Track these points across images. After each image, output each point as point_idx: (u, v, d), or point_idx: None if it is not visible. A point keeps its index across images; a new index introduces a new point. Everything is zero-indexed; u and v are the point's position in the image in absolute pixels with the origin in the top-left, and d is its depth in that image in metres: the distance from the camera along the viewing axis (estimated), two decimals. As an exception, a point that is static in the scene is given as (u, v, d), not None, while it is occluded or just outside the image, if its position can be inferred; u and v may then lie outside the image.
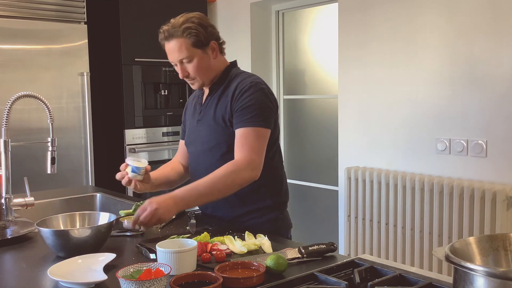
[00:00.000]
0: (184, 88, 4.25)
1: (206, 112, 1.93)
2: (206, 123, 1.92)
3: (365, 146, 3.41)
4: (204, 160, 1.92)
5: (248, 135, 1.79)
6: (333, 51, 3.73)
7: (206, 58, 1.86)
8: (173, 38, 1.84)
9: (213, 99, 1.92)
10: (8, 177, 1.90)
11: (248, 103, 1.80)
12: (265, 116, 1.82)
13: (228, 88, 1.89)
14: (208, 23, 1.89)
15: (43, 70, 3.46)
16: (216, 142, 1.88)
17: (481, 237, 1.14)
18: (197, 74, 1.87)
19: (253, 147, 1.78)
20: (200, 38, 1.83)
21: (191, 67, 1.86)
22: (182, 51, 1.83)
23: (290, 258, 1.42)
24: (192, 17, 1.86)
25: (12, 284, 1.36)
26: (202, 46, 1.84)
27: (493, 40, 2.76)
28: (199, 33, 1.83)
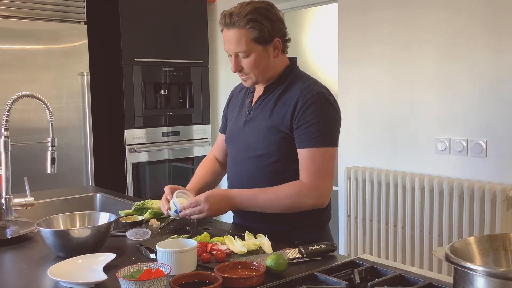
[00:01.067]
0: (184, 88, 4.25)
1: (257, 115, 1.76)
2: (256, 127, 1.74)
3: (365, 146, 3.41)
4: (249, 167, 1.77)
5: (316, 157, 1.63)
6: (333, 51, 3.72)
7: (266, 56, 1.68)
8: (234, 27, 1.64)
9: (268, 101, 1.74)
10: (8, 177, 1.90)
11: (315, 119, 1.63)
12: (333, 133, 1.67)
13: (287, 92, 1.71)
14: (277, 16, 1.70)
15: (43, 70, 3.46)
16: (266, 150, 1.72)
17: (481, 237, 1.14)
18: (252, 71, 1.69)
19: (320, 170, 1.64)
20: (264, 34, 1.64)
21: (247, 63, 1.68)
22: (240, 44, 1.64)
23: (290, 258, 1.42)
24: (261, 7, 1.66)
25: (12, 284, 1.36)
26: (264, 43, 1.66)
27: (493, 40, 2.76)
28: (264, 28, 1.64)
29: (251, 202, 1.68)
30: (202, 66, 4.30)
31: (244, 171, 1.79)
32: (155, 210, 1.95)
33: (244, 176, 1.78)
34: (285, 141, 1.69)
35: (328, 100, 1.68)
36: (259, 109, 1.76)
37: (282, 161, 1.71)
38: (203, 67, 4.31)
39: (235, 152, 1.84)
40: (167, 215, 1.81)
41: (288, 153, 1.70)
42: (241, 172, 1.80)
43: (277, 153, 1.70)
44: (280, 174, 1.71)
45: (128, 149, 3.90)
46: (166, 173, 4.10)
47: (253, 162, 1.75)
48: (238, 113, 1.86)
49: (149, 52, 3.98)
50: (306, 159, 1.65)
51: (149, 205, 1.99)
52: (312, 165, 1.64)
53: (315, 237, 1.72)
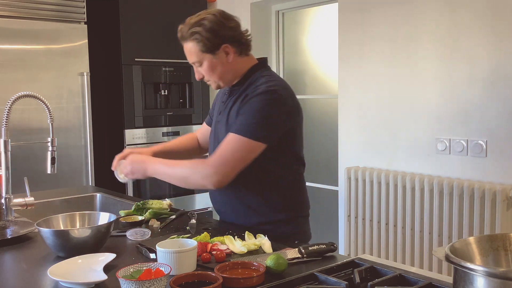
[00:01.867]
0: (184, 88, 4.25)
1: (223, 116, 1.84)
2: (223, 125, 1.83)
3: (365, 146, 3.41)
4: None
5: (231, 142, 1.67)
6: (333, 51, 3.72)
7: (218, 62, 1.76)
8: (185, 40, 1.77)
9: (231, 101, 1.82)
10: (8, 177, 1.90)
11: (251, 109, 1.68)
12: (261, 127, 1.67)
13: (246, 92, 1.77)
14: (223, 24, 1.76)
15: (43, 70, 3.46)
16: None
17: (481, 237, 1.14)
18: (210, 77, 1.79)
19: (227, 156, 1.67)
20: (207, 44, 1.72)
21: (203, 71, 1.79)
22: (192, 55, 1.77)
23: (290, 258, 1.42)
24: (204, 19, 1.74)
25: (12, 284, 1.36)
26: (211, 51, 1.74)
27: (493, 39, 2.76)
28: (206, 38, 1.72)
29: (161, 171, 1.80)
30: (202, 66, 4.29)
31: None
32: (155, 210, 1.95)
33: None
34: None
35: (275, 98, 1.70)
36: (226, 109, 1.84)
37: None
38: (203, 67, 4.30)
39: (211, 149, 1.92)
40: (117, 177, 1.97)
41: None
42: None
43: None
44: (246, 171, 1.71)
45: (128, 149, 3.89)
46: (166, 173, 4.09)
47: None
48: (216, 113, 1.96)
49: (149, 52, 3.98)
50: (223, 141, 1.70)
51: (149, 205, 1.99)
52: (222, 147, 1.69)
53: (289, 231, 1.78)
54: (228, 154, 1.67)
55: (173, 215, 1.96)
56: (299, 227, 1.86)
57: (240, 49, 1.80)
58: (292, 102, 1.77)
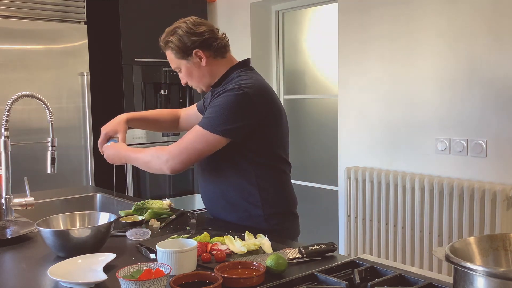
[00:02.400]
0: (184, 88, 4.25)
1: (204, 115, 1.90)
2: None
3: (365, 146, 3.41)
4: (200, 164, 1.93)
5: (192, 133, 1.77)
6: (333, 51, 3.73)
7: (193, 67, 1.86)
8: (164, 49, 1.92)
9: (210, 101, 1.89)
10: (8, 177, 1.90)
11: (216, 105, 1.75)
12: (222, 121, 1.72)
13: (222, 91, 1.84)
14: (192, 31, 1.83)
15: (43, 70, 3.46)
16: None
17: (481, 237, 1.14)
18: (191, 81, 1.91)
19: (186, 145, 1.76)
20: (178, 51, 1.84)
21: (184, 76, 1.91)
22: (171, 62, 1.91)
23: (290, 258, 1.42)
24: (177, 28, 1.86)
25: (12, 284, 1.36)
26: (184, 58, 1.85)
27: (493, 40, 2.76)
28: (177, 46, 1.84)
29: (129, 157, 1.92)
30: (202, 66, 4.29)
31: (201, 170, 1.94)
32: (155, 210, 1.95)
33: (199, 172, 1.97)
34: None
35: (242, 93, 1.73)
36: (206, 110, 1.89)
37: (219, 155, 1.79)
38: (203, 67, 4.30)
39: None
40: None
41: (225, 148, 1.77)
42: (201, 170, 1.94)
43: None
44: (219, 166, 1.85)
45: (128, 149, 3.89)
46: (166, 173, 4.10)
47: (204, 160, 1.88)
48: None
49: (149, 52, 3.97)
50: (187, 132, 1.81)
51: (149, 205, 1.99)
52: (184, 137, 1.79)
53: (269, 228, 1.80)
54: (187, 144, 1.76)
55: (173, 215, 1.96)
56: (281, 224, 1.88)
57: (214, 53, 1.86)
58: (262, 101, 1.78)
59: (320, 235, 4.00)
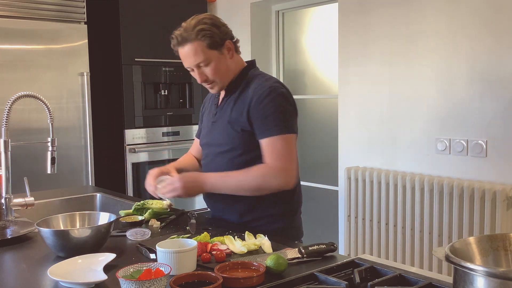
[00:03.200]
0: (184, 88, 4.25)
1: (221, 115, 1.88)
2: (221, 125, 1.87)
3: (365, 146, 3.41)
4: (218, 163, 1.88)
5: (276, 144, 1.74)
6: (333, 51, 3.73)
7: (223, 59, 1.80)
8: (187, 42, 1.76)
9: (230, 101, 1.86)
10: (8, 177, 1.90)
11: (269, 111, 1.74)
12: (288, 121, 1.77)
13: (245, 91, 1.83)
14: (221, 22, 1.82)
15: (43, 70, 3.46)
16: (231, 145, 1.83)
17: (481, 237, 1.14)
18: (216, 76, 1.81)
19: (283, 155, 1.74)
20: (215, 39, 1.76)
21: (209, 70, 1.79)
22: (198, 55, 1.76)
23: (290, 258, 1.42)
24: (204, 18, 1.79)
25: (12, 284, 1.36)
26: (218, 47, 1.78)
27: (494, 40, 2.76)
28: (214, 33, 1.76)
29: (221, 184, 1.79)
30: (202, 66, 4.29)
31: (215, 168, 1.88)
32: (155, 210, 1.95)
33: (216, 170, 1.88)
34: (246, 135, 1.80)
35: (281, 92, 1.79)
36: (223, 109, 1.88)
37: (247, 154, 1.81)
38: (203, 67, 4.30)
39: (207, 152, 1.96)
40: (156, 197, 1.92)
41: (250, 147, 1.80)
42: (214, 169, 1.89)
43: (241, 147, 1.82)
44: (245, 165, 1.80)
45: (128, 149, 3.90)
46: (166, 173, 4.09)
47: (222, 157, 1.87)
48: (208, 117, 1.99)
49: (149, 52, 3.98)
50: (267, 147, 1.76)
51: (149, 205, 1.99)
52: (274, 151, 1.75)
53: (283, 226, 1.85)
54: (286, 153, 1.75)
55: (173, 215, 1.96)
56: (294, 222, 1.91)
57: (236, 47, 1.87)
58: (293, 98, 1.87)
59: (320, 235, 4.00)
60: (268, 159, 1.75)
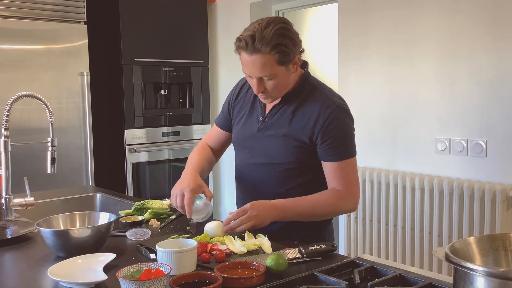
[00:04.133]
0: (184, 88, 4.25)
1: (274, 124, 1.76)
2: (273, 136, 1.76)
3: (365, 146, 3.40)
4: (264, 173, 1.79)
5: (345, 168, 1.72)
6: (333, 51, 3.72)
7: (288, 73, 1.68)
8: (258, 53, 1.58)
9: (285, 111, 1.75)
10: (8, 177, 1.90)
11: (339, 134, 1.70)
12: (354, 143, 1.76)
13: (306, 103, 1.73)
14: (295, 32, 1.66)
15: (43, 70, 3.46)
16: (284, 159, 1.75)
17: (481, 237, 1.14)
18: (275, 91, 1.69)
19: (352, 179, 1.74)
20: (288, 57, 1.62)
21: (271, 84, 1.66)
22: (265, 69, 1.61)
23: (290, 258, 1.42)
24: (281, 28, 1.60)
25: (12, 284, 1.36)
26: (287, 63, 1.64)
27: (493, 40, 2.76)
28: (289, 51, 1.61)
29: (294, 209, 1.70)
30: (202, 66, 4.30)
31: (257, 176, 1.82)
32: (155, 210, 1.95)
33: (257, 180, 1.83)
34: (302, 150, 1.73)
35: (346, 111, 1.76)
36: (275, 117, 1.77)
37: (297, 169, 1.76)
38: (203, 67, 4.31)
39: (247, 156, 1.85)
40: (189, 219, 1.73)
41: (304, 162, 1.75)
42: (254, 177, 1.83)
43: (294, 162, 1.75)
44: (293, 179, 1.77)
45: (128, 149, 3.90)
46: (166, 173, 4.10)
47: (269, 168, 1.79)
48: (248, 116, 1.85)
49: (149, 52, 3.98)
50: (335, 171, 1.72)
51: (149, 205, 1.99)
52: (344, 176, 1.73)
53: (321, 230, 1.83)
54: (353, 178, 1.76)
55: (173, 215, 1.95)
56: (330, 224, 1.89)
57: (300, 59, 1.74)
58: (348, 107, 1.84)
59: (320, 235, 3.99)
60: (336, 183, 1.73)
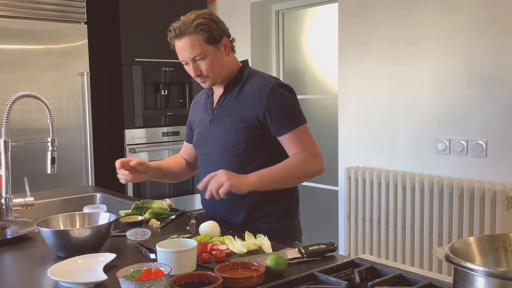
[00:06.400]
0: (184, 88, 4.25)
1: (221, 112, 1.88)
2: (222, 123, 1.86)
3: (365, 146, 3.41)
4: (220, 161, 1.85)
5: (299, 135, 1.79)
6: (333, 51, 3.72)
7: (219, 54, 1.81)
8: (185, 35, 1.78)
9: (229, 98, 1.87)
10: (8, 177, 1.90)
11: (283, 106, 1.79)
12: (301, 112, 1.84)
13: (245, 87, 1.85)
14: (219, 19, 1.84)
15: (43, 70, 3.46)
16: (234, 143, 1.83)
17: (481, 237, 1.14)
18: (210, 71, 1.81)
19: (310, 142, 1.81)
20: (213, 34, 1.78)
21: (204, 65, 1.80)
22: (195, 48, 1.77)
23: (290, 258, 1.42)
24: (203, 14, 1.81)
25: (12, 284, 1.36)
26: (215, 42, 1.79)
27: (493, 40, 2.76)
28: (212, 28, 1.78)
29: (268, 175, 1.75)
30: (202, 66, 4.29)
31: (218, 164, 1.84)
32: (155, 210, 1.95)
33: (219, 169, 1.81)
34: (251, 131, 1.81)
35: (284, 85, 1.85)
36: (222, 107, 1.88)
37: (250, 152, 1.82)
38: (203, 67, 4.31)
39: (205, 151, 1.94)
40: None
41: (255, 144, 1.82)
42: (213, 168, 1.82)
43: (245, 144, 1.82)
44: (249, 164, 1.81)
45: (128, 149, 3.90)
46: (166, 173, 4.10)
47: (224, 156, 1.85)
48: (202, 117, 1.97)
49: (149, 52, 3.98)
50: (291, 140, 1.79)
51: (149, 205, 1.99)
52: (301, 142, 1.80)
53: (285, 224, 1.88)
54: (311, 142, 1.82)
55: (173, 215, 1.96)
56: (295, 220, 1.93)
57: (232, 45, 1.88)
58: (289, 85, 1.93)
59: (320, 235, 4.00)
60: (297, 149, 1.79)
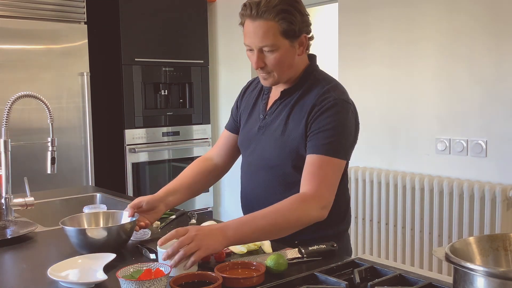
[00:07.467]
0: (184, 88, 4.25)
1: (272, 121, 1.62)
2: (272, 135, 1.61)
3: (365, 146, 3.40)
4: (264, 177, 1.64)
5: (322, 165, 1.49)
6: (333, 51, 3.72)
7: (292, 52, 1.54)
8: (261, 18, 1.48)
9: (285, 106, 1.61)
10: (8, 177, 1.90)
11: (328, 125, 1.50)
12: (345, 144, 1.54)
13: (304, 97, 1.58)
14: (305, 10, 1.55)
15: (43, 70, 3.46)
16: (279, 161, 1.59)
17: (481, 237, 1.14)
18: (275, 68, 1.54)
19: (325, 180, 1.48)
20: (293, 27, 1.50)
21: (272, 59, 1.52)
22: (267, 37, 1.49)
23: (290, 258, 1.42)
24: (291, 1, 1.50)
25: (12, 284, 1.36)
26: (292, 37, 1.51)
27: (493, 40, 2.76)
28: (295, 20, 1.49)
29: (250, 224, 1.40)
30: (202, 66, 4.30)
31: (259, 181, 1.67)
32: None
33: (260, 185, 1.67)
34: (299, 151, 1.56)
35: (347, 108, 1.56)
36: (274, 114, 1.63)
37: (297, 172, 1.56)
38: (203, 67, 4.31)
39: (250, 159, 1.71)
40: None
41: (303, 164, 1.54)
42: (256, 182, 1.68)
43: (291, 164, 1.58)
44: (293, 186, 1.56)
45: (128, 149, 3.90)
46: (166, 173, 4.10)
47: (267, 172, 1.63)
48: (250, 115, 1.73)
49: (149, 52, 3.98)
50: (311, 166, 1.50)
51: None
52: (318, 173, 1.49)
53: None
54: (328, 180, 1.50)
55: (173, 215, 1.95)
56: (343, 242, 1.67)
57: (308, 44, 1.61)
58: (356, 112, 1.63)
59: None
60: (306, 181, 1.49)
